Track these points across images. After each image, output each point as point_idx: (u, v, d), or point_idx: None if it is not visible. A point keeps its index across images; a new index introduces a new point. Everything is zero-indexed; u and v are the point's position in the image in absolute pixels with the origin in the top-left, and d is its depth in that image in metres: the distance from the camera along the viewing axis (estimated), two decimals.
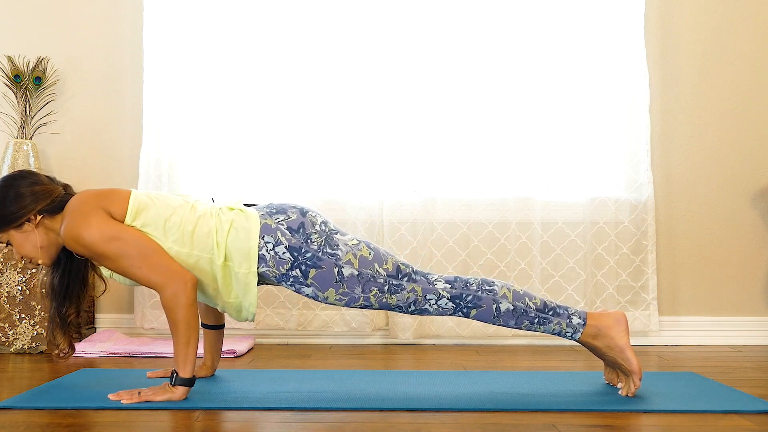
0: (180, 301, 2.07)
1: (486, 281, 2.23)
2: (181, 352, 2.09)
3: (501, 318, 2.20)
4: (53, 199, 2.21)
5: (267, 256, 2.15)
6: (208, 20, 3.44)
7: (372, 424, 1.91)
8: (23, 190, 2.19)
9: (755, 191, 3.44)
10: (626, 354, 2.19)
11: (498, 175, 3.42)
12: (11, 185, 2.20)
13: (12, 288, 3.10)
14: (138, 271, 2.10)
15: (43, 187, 2.22)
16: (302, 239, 2.15)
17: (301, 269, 2.14)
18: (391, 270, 2.19)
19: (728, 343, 3.35)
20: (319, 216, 2.23)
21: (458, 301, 2.19)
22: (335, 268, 2.14)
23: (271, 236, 2.15)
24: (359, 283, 2.15)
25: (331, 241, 2.17)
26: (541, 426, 1.89)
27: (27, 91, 3.40)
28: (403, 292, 2.18)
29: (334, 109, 3.41)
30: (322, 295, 2.16)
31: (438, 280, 2.22)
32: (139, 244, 2.11)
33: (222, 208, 2.24)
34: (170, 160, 3.43)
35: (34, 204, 2.19)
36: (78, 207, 2.15)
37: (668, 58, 3.45)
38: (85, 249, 2.12)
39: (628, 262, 3.35)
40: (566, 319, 2.21)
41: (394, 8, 3.38)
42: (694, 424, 1.92)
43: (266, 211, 2.22)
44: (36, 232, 2.20)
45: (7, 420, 1.93)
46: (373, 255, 2.19)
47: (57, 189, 2.24)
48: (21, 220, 2.18)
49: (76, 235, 2.10)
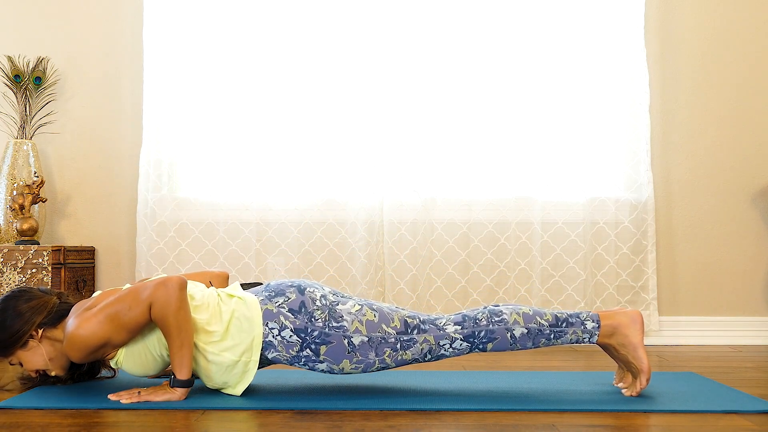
0: (171, 305, 2.06)
1: (494, 312, 2.21)
2: (176, 356, 2.09)
3: (518, 343, 2.19)
4: (50, 310, 2.22)
5: (275, 341, 2.14)
6: (208, 20, 3.44)
7: (372, 423, 1.91)
8: (21, 308, 2.20)
9: (755, 191, 3.44)
10: (639, 353, 2.18)
11: (498, 175, 3.42)
12: (8, 306, 2.21)
13: (12, 288, 3.10)
14: (130, 312, 2.07)
15: (39, 301, 2.23)
16: (306, 319, 2.14)
17: (311, 348, 2.13)
18: (400, 327, 2.17)
19: (728, 343, 3.36)
20: (318, 290, 2.21)
21: (472, 339, 2.18)
22: (344, 339, 2.13)
23: (275, 321, 2.14)
24: (371, 348, 2.14)
25: (334, 314, 2.15)
26: (541, 426, 1.89)
27: (27, 91, 3.40)
28: (416, 346, 2.17)
29: (334, 110, 3.41)
30: (337, 368, 2.16)
31: (447, 324, 2.20)
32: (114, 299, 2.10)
33: (221, 295, 2.22)
34: (170, 160, 3.43)
35: (33, 318, 2.19)
36: (70, 322, 2.12)
37: (668, 58, 3.45)
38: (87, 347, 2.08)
39: (628, 262, 3.35)
40: (580, 326, 2.20)
41: (395, 9, 3.38)
42: (694, 424, 1.92)
43: (265, 295, 2.20)
44: (41, 346, 2.21)
45: (7, 420, 1.93)
46: (378, 316, 2.17)
47: (52, 299, 2.25)
48: (24, 338, 2.19)
49: (74, 341, 2.07)
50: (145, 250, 3.36)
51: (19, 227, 3.25)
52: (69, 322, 2.12)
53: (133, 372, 2.21)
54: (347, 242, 3.37)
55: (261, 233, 3.40)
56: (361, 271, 3.33)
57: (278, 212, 3.40)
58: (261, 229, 3.40)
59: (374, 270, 3.35)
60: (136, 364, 2.18)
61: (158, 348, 2.16)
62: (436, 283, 3.38)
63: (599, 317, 2.21)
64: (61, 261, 3.16)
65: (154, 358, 2.18)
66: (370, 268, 3.34)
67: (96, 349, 2.11)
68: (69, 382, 2.35)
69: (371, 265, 3.34)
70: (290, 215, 3.40)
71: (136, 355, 2.17)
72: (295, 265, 3.36)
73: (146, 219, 3.37)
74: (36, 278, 3.10)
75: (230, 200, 3.41)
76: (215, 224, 3.40)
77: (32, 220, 3.27)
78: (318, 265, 3.38)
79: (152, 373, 2.24)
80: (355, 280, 3.34)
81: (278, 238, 3.39)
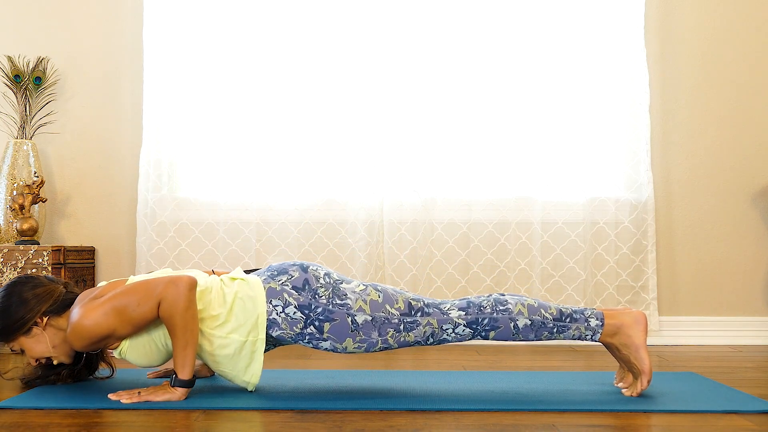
0: (179, 305, 2.07)
1: (499, 301, 2.21)
2: (180, 355, 2.09)
3: (521, 334, 2.19)
4: (56, 299, 2.22)
5: (278, 319, 2.14)
6: (208, 20, 3.44)
7: (372, 423, 1.91)
8: (26, 295, 2.20)
9: (755, 191, 3.44)
10: (641, 353, 2.18)
11: (498, 175, 3.42)
12: (13, 292, 2.21)
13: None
14: (139, 308, 2.08)
15: (45, 289, 2.23)
16: (310, 296, 2.15)
17: (315, 325, 2.14)
18: (403, 308, 2.18)
19: (728, 343, 3.36)
20: (321, 268, 2.22)
21: (475, 326, 2.18)
22: (348, 317, 2.14)
23: (279, 299, 2.14)
24: (374, 327, 2.15)
25: (338, 292, 2.16)
26: (541, 426, 1.89)
27: (27, 91, 3.40)
28: (419, 328, 2.17)
29: (334, 110, 3.41)
30: (340, 346, 2.15)
31: (451, 308, 2.20)
32: (121, 291, 2.10)
33: (224, 279, 2.22)
34: (170, 160, 3.43)
35: (38, 306, 2.20)
36: (74, 312, 2.13)
37: (668, 58, 3.45)
38: (91, 336, 2.09)
39: (628, 262, 3.35)
40: (584, 323, 2.20)
41: (395, 9, 3.38)
42: (694, 424, 1.92)
43: (267, 275, 2.20)
44: (45, 334, 2.22)
45: (7, 420, 1.93)
46: (382, 297, 2.18)
47: (58, 288, 2.26)
48: (28, 325, 2.19)
49: (78, 330, 2.08)
50: (145, 250, 3.36)
51: (19, 227, 3.25)
52: (74, 311, 2.12)
53: (138, 362, 2.21)
54: (347, 242, 3.37)
55: (261, 233, 3.40)
56: (361, 271, 3.33)
57: (278, 212, 3.40)
58: (261, 229, 3.40)
59: (374, 270, 3.35)
60: (140, 354, 2.19)
61: (163, 339, 2.17)
62: (436, 283, 3.38)
63: (603, 315, 2.22)
64: (61, 261, 3.16)
65: (159, 348, 2.19)
66: (370, 268, 3.34)
67: (99, 340, 2.11)
68: (69, 380, 2.35)
69: (371, 265, 3.34)
70: (290, 215, 3.40)
71: (141, 346, 2.18)
72: None
73: (146, 219, 3.37)
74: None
75: (230, 200, 3.41)
76: (215, 224, 3.40)
77: (32, 220, 3.27)
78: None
79: (156, 364, 2.25)
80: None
81: (278, 238, 3.39)
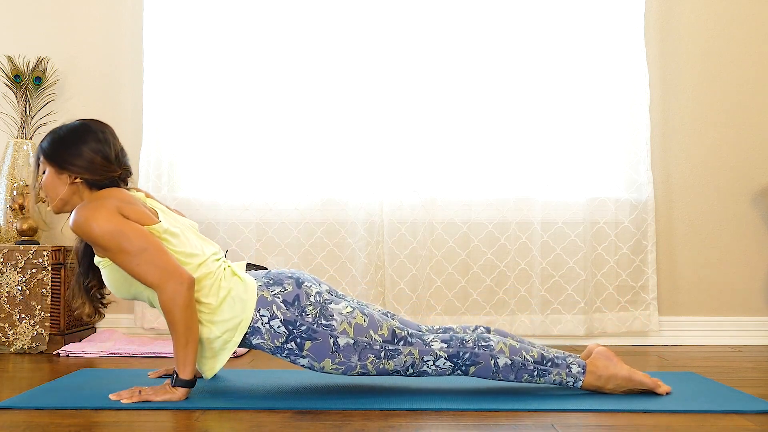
0: (177, 302, 2.07)
1: (482, 337, 2.21)
2: (181, 354, 2.09)
3: (500, 373, 2.19)
4: (101, 179, 2.20)
5: (262, 329, 2.14)
6: (208, 20, 3.44)
7: (372, 423, 1.91)
8: (86, 153, 2.18)
9: (755, 191, 3.44)
10: (635, 380, 2.18)
11: (498, 175, 3.42)
12: (82, 139, 2.19)
13: (12, 288, 3.10)
14: (136, 267, 2.08)
15: (103, 163, 2.20)
16: (297, 312, 2.14)
17: (296, 342, 2.13)
18: (387, 335, 2.17)
19: (728, 343, 3.36)
20: (315, 286, 2.22)
21: (456, 360, 2.18)
22: (330, 338, 2.13)
23: (267, 309, 2.14)
24: (355, 351, 2.14)
25: (325, 312, 2.15)
26: (541, 426, 1.89)
27: (27, 91, 3.40)
28: (399, 357, 2.17)
29: (335, 109, 3.41)
30: (318, 365, 2.15)
31: (434, 340, 2.20)
32: (140, 241, 2.08)
33: (226, 270, 2.22)
34: (170, 160, 3.43)
35: (83, 170, 2.18)
36: (98, 200, 2.13)
37: (668, 58, 3.45)
38: (87, 237, 2.10)
39: (628, 262, 3.35)
40: (565, 369, 2.20)
41: (395, 9, 3.38)
42: (694, 424, 1.92)
43: (264, 281, 2.20)
44: (68, 186, 2.19)
45: (7, 420, 1.93)
46: (367, 321, 2.17)
47: (115, 172, 2.22)
48: (68, 166, 2.18)
49: (82, 222, 2.08)
50: None
51: (19, 227, 3.26)
52: (95, 203, 2.10)
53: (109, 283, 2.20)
54: (347, 242, 3.37)
55: (261, 233, 3.40)
56: (361, 271, 3.33)
57: (278, 212, 3.40)
58: (261, 229, 3.40)
59: (374, 270, 3.35)
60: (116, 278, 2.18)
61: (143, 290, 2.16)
62: (436, 283, 3.38)
63: (587, 364, 2.20)
64: (61, 261, 3.16)
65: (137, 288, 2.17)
66: (370, 268, 3.34)
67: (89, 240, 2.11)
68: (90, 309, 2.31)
69: (371, 265, 3.34)
70: (290, 215, 3.40)
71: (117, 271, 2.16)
72: (295, 266, 3.37)
73: None
74: (36, 278, 3.10)
75: (230, 200, 3.41)
76: (215, 224, 3.40)
77: (32, 220, 3.27)
78: (318, 265, 3.38)
79: (119, 296, 2.23)
80: (355, 280, 3.34)
81: (278, 238, 3.39)
